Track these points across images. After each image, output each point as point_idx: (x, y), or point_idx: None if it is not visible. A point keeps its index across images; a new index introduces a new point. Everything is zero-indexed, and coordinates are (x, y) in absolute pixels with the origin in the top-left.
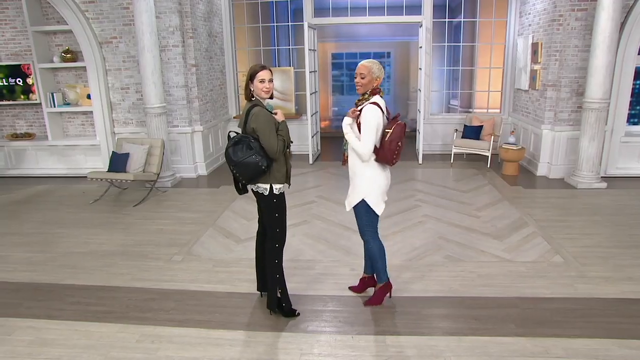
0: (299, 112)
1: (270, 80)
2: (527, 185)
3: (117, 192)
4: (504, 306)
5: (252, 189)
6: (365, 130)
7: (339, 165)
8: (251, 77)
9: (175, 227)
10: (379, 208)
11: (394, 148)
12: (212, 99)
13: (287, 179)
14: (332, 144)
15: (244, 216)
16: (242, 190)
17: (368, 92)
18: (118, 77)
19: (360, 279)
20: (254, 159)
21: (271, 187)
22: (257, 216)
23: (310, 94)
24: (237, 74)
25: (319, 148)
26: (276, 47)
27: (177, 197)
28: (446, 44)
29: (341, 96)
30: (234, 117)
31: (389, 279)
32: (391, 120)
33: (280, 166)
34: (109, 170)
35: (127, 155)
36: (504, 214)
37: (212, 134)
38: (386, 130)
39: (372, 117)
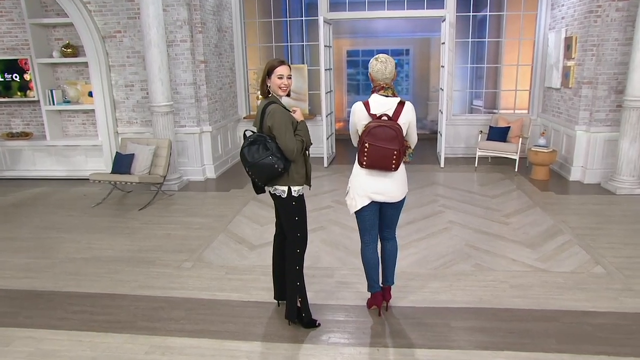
0: (313, 113)
1: (289, 77)
2: (560, 191)
3: (120, 195)
4: (542, 319)
5: (269, 191)
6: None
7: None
8: (269, 72)
9: (184, 232)
10: (351, 207)
11: (359, 148)
12: (221, 97)
13: (307, 181)
14: (348, 147)
15: (256, 221)
16: (259, 189)
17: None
18: (122, 74)
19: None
20: (270, 160)
21: (289, 190)
22: (271, 221)
23: (326, 93)
24: (247, 71)
25: (334, 150)
26: (289, 44)
27: (185, 201)
28: (470, 39)
29: (357, 96)
30: (244, 118)
31: (375, 291)
32: (376, 118)
33: (299, 167)
34: (112, 172)
35: (131, 156)
36: (535, 221)
37: (221, 135)
38: (364, 129)
39: (350, 115)
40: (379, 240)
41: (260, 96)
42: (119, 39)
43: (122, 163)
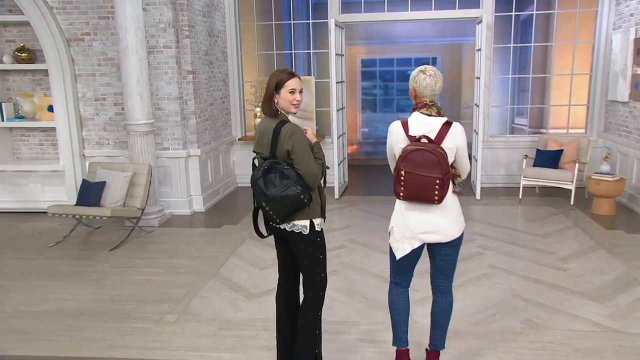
0: (321, 134)
1: (301, 91)
2: (631, 229)
3: (86, 232)
4: None
5: (284, 229)
6: None
7: (372, 200)
8: (277, 87)
9: (166, 278)
10: (397, 251)
11: (395, 176)
12: (212, 115)
13: (322, 212)
14: (363, 174)
15: (255, 264)
16: (268, 231)
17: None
18: (91, 85)
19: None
20: (294, 190)
21: (312, 224)
22: (273, 264)
23: (337, 111)
24: (243, 84)
25: (347, 179)
26: (292, 51)
27: (167, 239)
28: (512, 44)
29: (373, 114)
30: (239, 140)
31: (401, 347)
32: (414, 141)
33: (316, 196)
34: (77, 204)
35: (102, 184)
36: (601, 266)
37: (211, 159)
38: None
39: (387, 136)
40: (411, 282)
41: (259, 114)
42: (87, 43)
43: (90, 193)
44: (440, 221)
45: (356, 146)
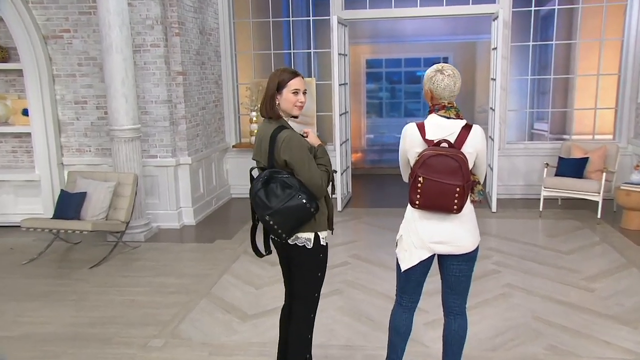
0: (323, 140)
1: (305, 92)
2: None
3: (64, 248)
4: None
5: (286, 242)
6: None
7: (378, 212)
8: (279, 87)
9: (153, 298)
10: (404, 261)
11: (411, 183)
12: (204, 120)
13: (330, 224)
14: (368, 184)
15: (250, 282)
16: (267, 249)
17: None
18: (71, 87)
19: None
20: (298, 199)
21: (317, 237)
22: (269, 282)
23: (340, 115)
24: (237, 86)
25: (350, 189)
26: (292, 51)
27: (155, 256)
28: (531, 42)
29: (379, 119)
30: (234, 147)
31: None
32: (432, 145)
33: (321, 205)
34: (54, 217)
35: (82, 195)
36: (633, 287)
37: (203, 168)
38: (416, 158)
39: (400, 140)
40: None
41: (254, 119)
42: (67, 41)
43: (69, 205)
44: (456, 232)
45: (360, 154)
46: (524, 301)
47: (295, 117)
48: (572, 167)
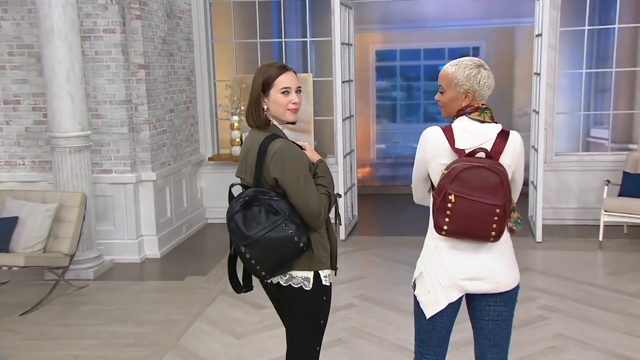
0: (322, 151)
1: (299, 90)
2: None
3: None
4: None
5: (277, 283)
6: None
7: (391, 242)
8: (265, 87)
9: (104, 353)
10: (429, 306)
11: (437, 203)
12: (172, 125)
13: (332, 260)
14: (378, 207)
15: (230, 331)
16: (247, 284)
17: (454, 117)
18: None
19: None
20: (284, 229)
21: (317, 276)
22: (253, 331)
23: (343, 120)
24: (214, 84)
25: (356, 213)
26: (283, 40)
27: (107, 298)
28: (586, 27)
29: (392, 125)
30: (210, 160)
31: None
32: (465, 155)
33: (322, 238)
34: None
35: (12, 221)
36: None
37: (171, 186)
38: (443, 172)
39: (418, 147)
40: None
41: (236, 124)
42: None
43: None
44: (493, 265)
45: (369, 169)
46: (580, 356)
47: (292, 123)
48: None
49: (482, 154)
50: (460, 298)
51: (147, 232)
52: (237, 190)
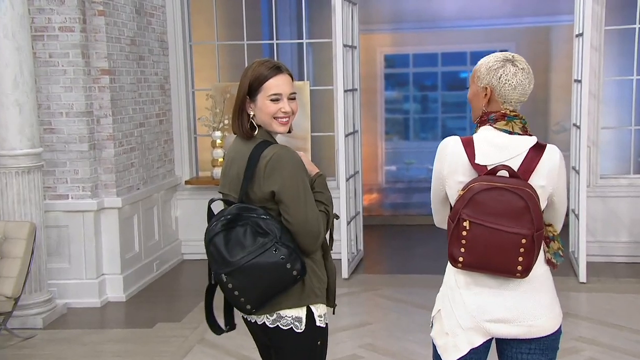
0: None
1: (292, 97)
2: None
3: None
4: None
5: (262, 324)
6: None
7: (402, 281)
8: (251, 90)
9: None
10: (447, 351)
11: (451, 230)
12: (142, 142)
13: (330, 296)
14: (387, 240)
15: None
16: (228, 320)
17: (477, 124)
18: None
19: None
20: (274, 254)
21: (310, 314)
22: None
23: (346, 137)
24: (193, 93)
25: (361, 247)
26: (275, 41)
27: (59, 350)
28: (637, 25)
29: (404, 143)
30: (187, 183)
31: None
32: (485, 173)
33: (318, 266)
34: None
35: None
36: None
37: (140, 215)
38: (460, 192)
39: (435, 160)
40: None
41: (219, 141)
42: None
43: None
44: (525, 304)
45: (377, 194)
46: None
47: (288, 132)
48: None
49: (505, 172)
50: (487, 343)
51: (109, 270)
52: (218, 207)
